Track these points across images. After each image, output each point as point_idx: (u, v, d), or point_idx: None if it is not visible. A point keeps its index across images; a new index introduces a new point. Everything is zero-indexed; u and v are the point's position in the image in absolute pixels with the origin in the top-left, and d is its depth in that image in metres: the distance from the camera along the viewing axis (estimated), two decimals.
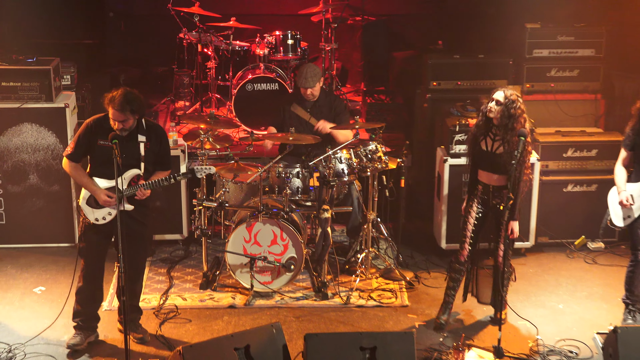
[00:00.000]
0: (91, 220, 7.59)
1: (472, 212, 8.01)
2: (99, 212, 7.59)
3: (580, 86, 11.01)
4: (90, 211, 7.59)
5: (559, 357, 7.76)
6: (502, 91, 7.76)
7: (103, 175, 7.54)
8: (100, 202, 7.52)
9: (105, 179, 7.54)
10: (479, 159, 7.94)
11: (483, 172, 7.96)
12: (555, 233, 9.79)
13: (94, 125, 7.53)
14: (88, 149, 7.54)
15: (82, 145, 7.54)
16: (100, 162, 7.52)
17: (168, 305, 8.60)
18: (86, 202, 7.59)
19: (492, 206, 7.97)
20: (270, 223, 8.66)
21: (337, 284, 8.91)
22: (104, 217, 7.60)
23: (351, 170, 8.77)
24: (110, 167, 7.21)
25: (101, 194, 7.50)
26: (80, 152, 7.56)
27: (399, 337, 7.29)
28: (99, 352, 7.82)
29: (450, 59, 10.90)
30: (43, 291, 8.83)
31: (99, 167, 7.55)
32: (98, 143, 7.46)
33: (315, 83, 9.27)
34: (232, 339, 7.21)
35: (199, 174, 7.85)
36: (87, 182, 7.55)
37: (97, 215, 7.60)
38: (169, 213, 9.70)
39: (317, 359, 7.13)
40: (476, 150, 7.91)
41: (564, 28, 10.96)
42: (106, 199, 7.49)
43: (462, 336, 8.02)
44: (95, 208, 7.57)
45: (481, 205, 8.00)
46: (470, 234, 8.04)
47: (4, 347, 7.79)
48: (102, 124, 7.50)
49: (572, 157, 9.74)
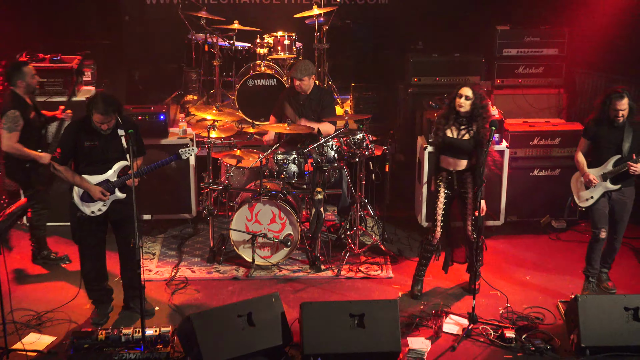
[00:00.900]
0: (87, 214, 7.50)
1: (440, 197, 8.00)
2: (94, 205, 7.51)
3: (545, 82, 11.03)
4: (84, 206, 7.51)
5: (526, 322, 7.78)
6: (469, 87, 7.78)
7: (92, 172, 7.46)
8: (95, 198, 7.44)
9: (94, 175, 7.47)
10: (444, 147, 7.92)
11: (447, 159, 7.94)
12: (522, 213, 9.79)
13: (77, 130, 7.43)
14: (74, 151, 7.43)
15: (69, 150, 7.44)
16: (87, 162, 7.44)
17: (179, 277, 8.60)
18: (80, 198, 7.50)
19: (456, 189, 7.97)
20: (270, 204, 8.64)
21: (329, 258, 8.91)
22: (100, 209, 7.53)
23: (341, 157, 8.76)
24: (96, 164, 7.36)
25: (95, 191, 7.43)
26: (68, 155, 7.46)
27: (384, 305, 7.32)
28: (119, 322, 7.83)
29: (430, 58, 10.93)
30: (69, 264, 8.80)
31: (87, 166, 7.46)
32: (84, 145, 7.37)
33: (303, 76, 9.18)
34: (236, 307, 7.23)
35: (183, 155, 7.71)
36: (80, 181, 7.43)
37: (93, 209, 7.52)
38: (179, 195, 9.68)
39: (312, 324, 7.15)
40: (443, 138, 7.89)
41: (531, 30, 10.98)
42: (100, 195, 7.43)
43: (441, 304, 8.05)
44: (89, 202, 7.50)
45: (447, 190, 8.00)
46: (441, 217, 8.04)
47: (32, 314, 7.81)
48: (83, 127, 7.40)
49: (538, 145, 9.73)
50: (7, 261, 7.34)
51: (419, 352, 7.23)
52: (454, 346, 7.43)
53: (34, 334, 7.55)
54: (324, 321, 7.16)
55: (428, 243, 8.13)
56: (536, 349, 7.37)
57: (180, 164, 9.36)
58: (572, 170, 8.22)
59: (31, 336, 7.51)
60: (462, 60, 10.92)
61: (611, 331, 7.24)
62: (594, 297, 7.65)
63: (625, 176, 7.92)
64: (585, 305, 7.28)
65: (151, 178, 8.36)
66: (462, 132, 7.84)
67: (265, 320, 7.19)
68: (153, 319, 7.76)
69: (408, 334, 7.54)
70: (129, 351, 7.14)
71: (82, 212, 7.51)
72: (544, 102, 10.88)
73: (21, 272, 8.62)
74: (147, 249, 9.10)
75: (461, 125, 7.84)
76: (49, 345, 7.40)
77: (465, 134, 7.82)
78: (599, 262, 8.24)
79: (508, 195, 9.63)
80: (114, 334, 7.25)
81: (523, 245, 9.32)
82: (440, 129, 7.90)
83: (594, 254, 8.19)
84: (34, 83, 8.36)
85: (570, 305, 7.49)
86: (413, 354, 7.21)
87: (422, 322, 7.75)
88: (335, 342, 7.12)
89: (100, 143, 7.39)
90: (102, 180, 7.47)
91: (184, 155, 7.69)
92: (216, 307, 7.42)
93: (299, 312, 7.19)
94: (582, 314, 7.25)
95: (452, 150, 7.88)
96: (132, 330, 7.29)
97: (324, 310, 7.24)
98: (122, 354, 7.13)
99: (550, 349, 7.39)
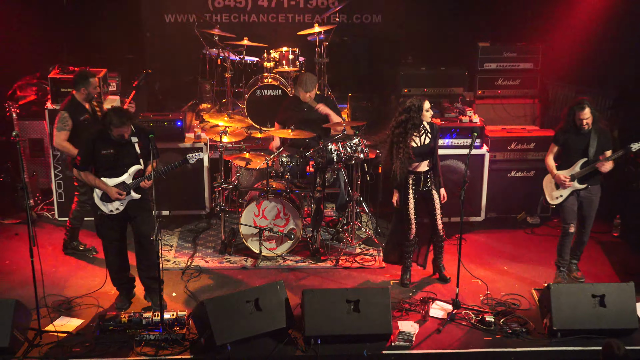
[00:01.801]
0: (106, 212, 7.52)
1: (409, 200, 7.98)
2: (112, 205, 7.51)
3: (521, 92, 11.02)
4: (104, 205, 7.51)
5: (504, 307, 7.75)
6: (427, 100, 7.83)
7: (109, 176, 7.46)
8: (113, 198, 7.45)
9: (111, 178, 7.48)
10: (414, 155, 7.88)
11: (416, 164, 7.92)
12: (501, 209, 9.75)
13: (94, 140, 7.44)
14: (93, 159, 7.45)
15: (87, 157, 7.46)
16: (104, 167, 7.46)
17: (193, 266, 8.57)
18: (100, 198, 7.51)
19: (422, 189, 7.97)
20: (275, 201, 8.61)
21: (328, 250, 8.88)
22: (117, 208, 7.53)
23: (339, 159, 8.72)
24: (113, 169, 7.41)
25: (112, 191, 7.44)
26: (87, 162, 7.47)
27: (377, 292, 7.30)
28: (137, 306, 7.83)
29: (418, 71, 10.92)
30: (96, 254, 8.77)
31: (104, 171, 7.47)
32: (101, 153, 7.39)
33: (312, 88, 9.21)
34: (245, 294, 7.21)
35: (191, 160, 7.68)
36: (99, 183, 7.46)
37: (111, 208, 7.52)
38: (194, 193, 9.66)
39: (313, 309, 7.13)
40: (412, 150, 7.84)
41: (508, 46, 10.97)
42: (117, 195, 7.44)
43: (427, 292, 8.02)
44: (108, 202, 7.50)
45: (415, 192, 7.98)
46: (413, 217, 8.03)
47: (63, 300, 7.80)
48: (100, 137, 7.42)
49: (515, 149, 9.69)
50: (40, 252, 7.30)
51: (408, 334, 7.20)
52: (439, 329, 7.41)
53: (64, 317, 7.53)
54: (323, 306, 7.14)
55: (406, 239, 8.14)
56: (513, 332, 7.35)
57: (196, 165, 9.32)
58: (546, 172, 8.18)
59: (62, 319, 7.49)
60: (447, 73, 10.91)
61: (580, 316, 7.24)
62: (564, 285, 7.62)
63: (591, 176, 7.91)
64: (557, 293, 7.27)
65: (169, 178, 8.34)
66: (423, 138, 7.87)
67: (270, 305, 7.17)
68: (170, 304, 7.73)
69: (398, 318, 7.51)
70: (149, 333, 7.13)
71: (102, 211, 7.53)
72: (521, 111, 10.85)
73: (53, 261, 8.59)
74: (165, 242, 9.06)
75: (421, 132, 7.86)
76: (77, 327, 7.39)
77: (426, 138, 7.88)
78: (569, 254, 8.22)
79: (488, 194, 9.60)
80: (135, 317, 7.24)
81: (501, 239, 9.28)
82: (406, 146, 7.85)
83: (564, 247, 8.17)
84: (94, 93, 8.39)
85: (544, 292, 7.48)
86: (403, 336, 7.19)
87: (410, 308, 7.72)
88: (334, 324, 7.11)
89: (115, 151, 7.42)
90: (119, 183, 7.47)
91: (191, 160, 7.67)
92: (227, 294, 7.39)
93: (301, 298, 7.17)
94: (554, 301, 7.24)
95: (420, 156, 7.91)
96: (152, 314, 7.29)
97: (324, 296, 7.23)
98: (143, 335, 7.12)
99: (525, 331, 7.37)
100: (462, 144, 9.43)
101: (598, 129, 7.87)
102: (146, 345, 7.07)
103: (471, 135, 7.62)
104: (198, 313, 7.16)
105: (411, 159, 7.83)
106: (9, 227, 9.41)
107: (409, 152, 7.79)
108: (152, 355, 6.98)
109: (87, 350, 7.03)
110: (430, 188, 7.98)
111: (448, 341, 7.27)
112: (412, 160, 7.85)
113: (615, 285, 7.42)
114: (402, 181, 7.94)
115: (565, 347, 7.17)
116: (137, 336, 7.11)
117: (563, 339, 7.21)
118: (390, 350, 7.12)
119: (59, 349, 7.04)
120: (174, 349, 7.06)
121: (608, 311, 7.24)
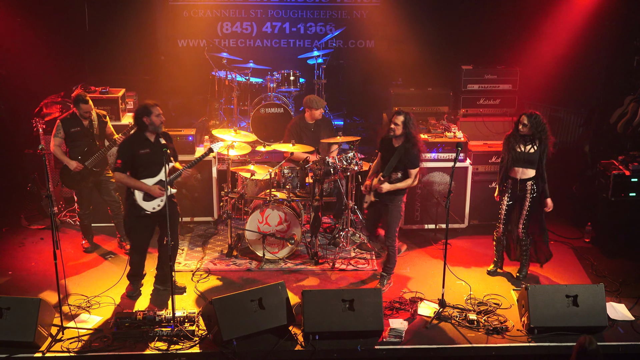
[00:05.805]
0: (149, 210, 7.48)
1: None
2: (153, 202, 7.49)
3: (501, 111, 11.02)
4: (147, 204, 7.48)
5: (486, 307, 7.71)
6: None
7: (148, 176, 7.45)
8: (156, 195, 7.44)
9: (150, 177, 7.47)
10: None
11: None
12: (483, 217, 9.69)
13: (131, 143, 7.47)
14: (132, 161, 7.42)
15: (127, 160, 7.43)
16: (143, 167, 7.43)
17: (203, 268, 8.51)
18: (142, 199, 7.48)
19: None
20: (277, 209, 8.57)
21: (325, 253, 8.83)
22: (158, 205, 7.51)
23: (336, 171, 8.68)
24: (150, 167, 7.41)
25: (156, 189, 7.43)
26: (127, 164, 7.44)
27: (370, 293, 7.26)
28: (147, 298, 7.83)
29: (408, 91, 10.97)
30: (112, 258, 8.73)
31: (143, 171, 7.44)
32: (139, 153, 7.38)
33: (320, 107, 9.24)
34: (249, 293, 7.17)
35: (215, 148, 7.80)
36: (140, 184, 7.43)
37: (154, 205, 7.50)
38: (204, 201, 9.61)
39: (311, 308, 7.09)
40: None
41: (489, 69, 10.99)
42: (159, 192, 7.44)
43: (416, 292, 7.98)
44: (149, 201, 7.47)
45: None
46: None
47: (83, 298, 7.75)
48: (135, 140, 7.46)
49: (495, 163, 9.63)
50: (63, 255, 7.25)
51: (399, 330, 7.16)
52: (427, 326, 7.36)
53: (85, 314, 7.48)
54: (321, 305, 7.11)
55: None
56: (494, 329, 7.31)
57: (205, 176, 9.34)
58: None
59: (82, 316, 7.44)
60: (434, 93, 10.94)
61: (555, 314, 7.21)
62: (541, 286, 7.58)
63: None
64: (534, 293, 7.25)
65: (180, 188, 8.32)
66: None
67: (273, 304, 7.13)
68: (181, 302, 7.68)
69: (389, 316, 7.47)
70: (162, 329, 7.09)
71: (145, 210, 7.49)
72: (500, 128, 10.83)
73: (74, 263, 8.54)
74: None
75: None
76: (96, 323, 7.33)
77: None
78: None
79: (471, 203, 9.56)
80: (149, 314, 7.20)
81: (483, 244, 9.22)
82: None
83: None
84: (86, 115, 8.34)
85: (522, 293, 7.45)
86: (394, 332, 7.15)
87: (401, 307, 7.67)
88: (330, 322, 7.07)
89: (151, 149, 7.42)
90: (157, 181, 7.47)
91: (215, 148, 7.80)
92: (233, 294, 7.34)
93: (301, 298, 7.13)
94: (531, 300, 7.22)
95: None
96: (165, 312, 7.25)
97: (321, 296, 7.19)
98: (156, 331, 7.08)
99: (505, 328, 7.32)
100: (447, 158, 9.40)
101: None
102: (159, 340, 7.03)
103: (456, 150, 7.57)
104: (207, 311, 7.13)
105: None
106: (35, 232, 9.37)
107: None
108: (164, 349, 6.94)
109: (105, 344, 6.99)
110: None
111: (435, 337, 7.23)
112: None
113: (587, 287, 7.39)
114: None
115: (542, 342, 7.13)
116: (151, 332, 7.06)
117: (540, 336, 7.17)
118: (382, 346, 7.08)
119: (80, 344, 7.00)
120: (185, 343, 7.00)
121: (580, 310, 7.21)
